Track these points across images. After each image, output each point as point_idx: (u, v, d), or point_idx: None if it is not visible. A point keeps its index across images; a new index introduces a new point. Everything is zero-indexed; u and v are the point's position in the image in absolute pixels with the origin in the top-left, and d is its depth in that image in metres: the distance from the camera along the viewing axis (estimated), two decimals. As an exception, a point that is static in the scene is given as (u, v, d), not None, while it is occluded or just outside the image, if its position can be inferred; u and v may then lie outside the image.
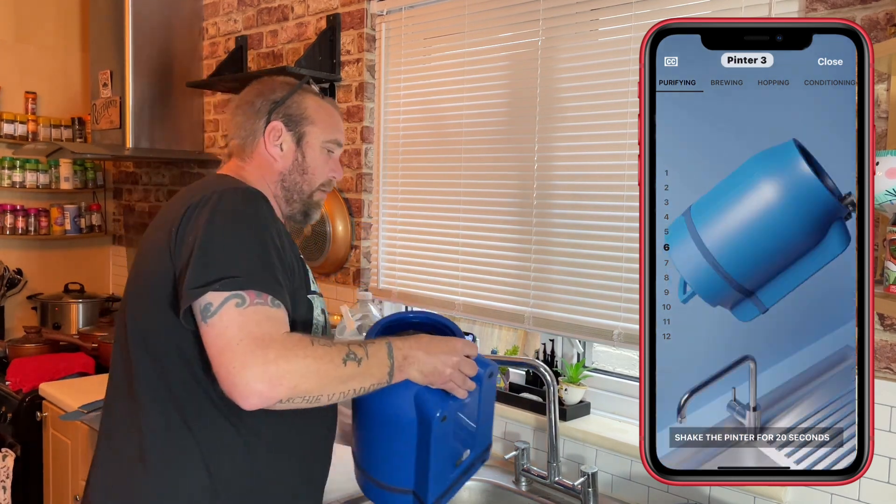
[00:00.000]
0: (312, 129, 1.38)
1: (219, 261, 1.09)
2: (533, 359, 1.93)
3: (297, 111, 1.38)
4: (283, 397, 1.03)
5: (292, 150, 1.37)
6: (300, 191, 1.38)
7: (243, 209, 1.17)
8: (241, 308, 1.06)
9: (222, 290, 1.06)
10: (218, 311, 1.05)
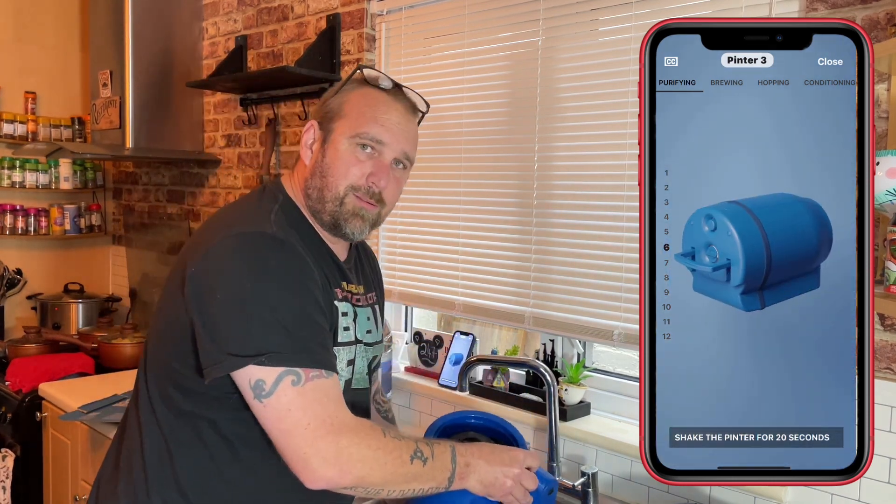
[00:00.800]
0: (341, 123, 1.18)
1: (257, 329, 1.02)
2: (533, 359, 1.93)
3: (336, 106, 1.20)
4: (349, 485, 1.03)
5: (317, 151, 1.20)
6: (322, 199, 1.18)
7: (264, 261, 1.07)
8: (299, 387, 1.02)
9: (270, 364, 1.01)
10: (275, 392, 1.01)
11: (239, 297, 1.04)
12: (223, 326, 1.04)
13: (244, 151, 2.96)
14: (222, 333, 1.04)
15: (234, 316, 1.04)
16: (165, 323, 1.17)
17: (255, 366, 1.01)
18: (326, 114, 1.21)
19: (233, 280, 1.05)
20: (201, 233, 1.18)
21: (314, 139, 1.21)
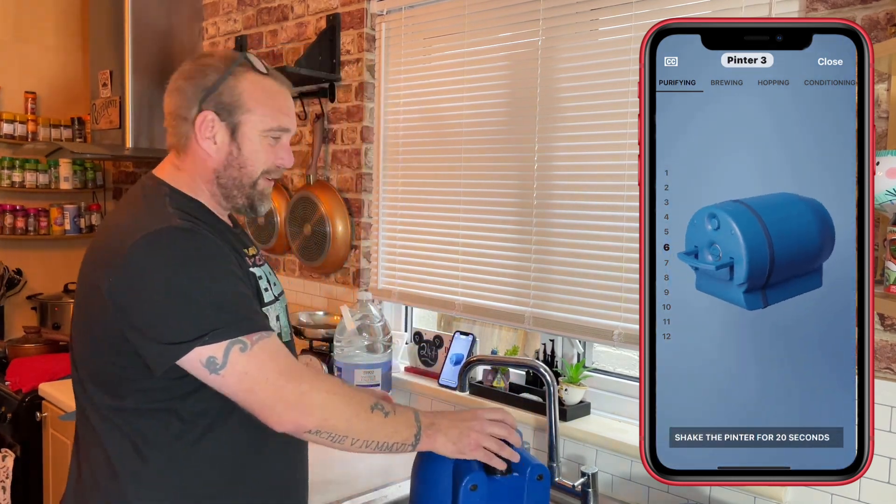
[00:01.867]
0: (249, 117, 1.21)
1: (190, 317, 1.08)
2: (533, 359, 1.93)
3: (231, 97, 1.20)
4: (312, 427, 1.10)
5: (226, 144, 1.21)
6: (239, 185, 1.24)
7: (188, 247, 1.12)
8: (248, 352, 1.09)
9: (214, 341, 1.07)
10: (228, 362, 1.08)
11: (165, 291, 1.09)
12: (159, 323, 1.09)
13: (244, 151, 2.96)
14: (159, 329, 1.08)
15: (166, 310, 1.09)
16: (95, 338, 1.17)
17: (200, 346, 1.07)
18: (221, 104, 1.20)
19: (155, 279, 1.09)
20: (102, 245, 1.18)
21: (216, 132, 1.21)
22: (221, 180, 1.23)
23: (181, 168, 1.24)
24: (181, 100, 1.21)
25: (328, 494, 1.67)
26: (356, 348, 2.10)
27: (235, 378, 1.08)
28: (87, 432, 1.24)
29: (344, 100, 2.49)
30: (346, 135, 2.49)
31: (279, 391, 1.09)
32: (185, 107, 1.21)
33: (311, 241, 2.50)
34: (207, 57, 1.24)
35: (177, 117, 1.22)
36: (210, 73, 1.20)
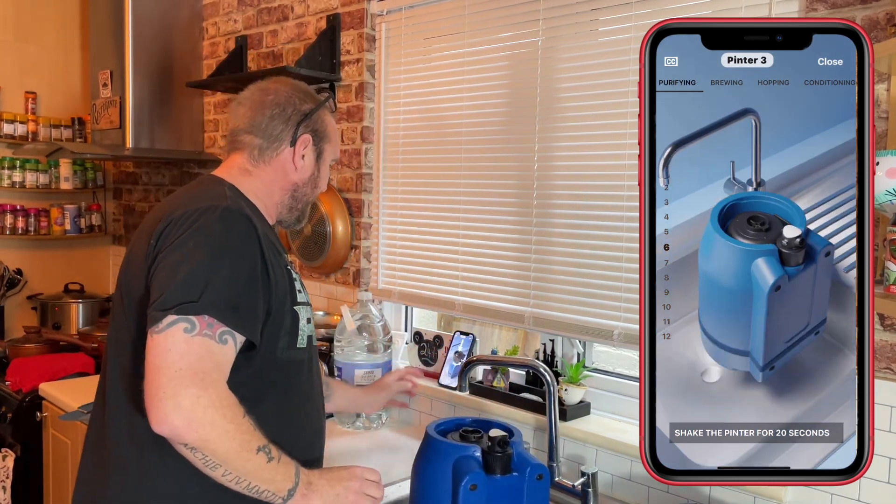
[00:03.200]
0: (328, 147, 1.43)
1: (184, 286, 1.09)
2: (533, 359, 1.93)
3: (321, 127, 1.41)
4: (191, 442, 1.04)
5: (312, 164, 1.40)
6: (306, 201, 1.43)
7: (220, 233, 1.16)
8: (189, 335, 1.06)
9: (179, 313, 1.07)
10: (165, 330, 1.06)
11: (178, 254, 1.12)
12: (158, 286, 1.12)
13: (244, 151, 2.96)
14: (157, 295, 1.11)
15: (169, 278, 1.11)
16: (133, 306, 1.21)
17: (173, 315, 1.07)
18: (315, 132, 1.40)
19: (178, 241, 1.14)
20: (149, 224, 1.24)
21: (306, 152, 1.38)
22: (297, 193, 1.40)
23: (254, 174, 1.35)
24: (279, 115, 1.35)
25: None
26: (356, 348, 2.10)
27: (158, 348, 1.05)
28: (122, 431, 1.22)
29: (344, 100, 2.49)
30: (347, 135, 2.49)
31: (177, 390, 1.03)
32: (283, 123, 1.35)
33: (311, 241, 2.50)
34: (298, 86, 1.41)
35: (270, 130, 1.35)
36: (307, 100, 1.39)
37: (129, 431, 1.20)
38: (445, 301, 2.20)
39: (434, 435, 1.40)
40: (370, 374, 2.08)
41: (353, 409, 1.94)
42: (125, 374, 1.22)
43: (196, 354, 1.06)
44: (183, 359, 1.05)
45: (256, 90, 1.39)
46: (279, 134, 1.35)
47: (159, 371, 1.04)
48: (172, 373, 1.04)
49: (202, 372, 1.05)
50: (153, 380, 1.05)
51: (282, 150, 1.36)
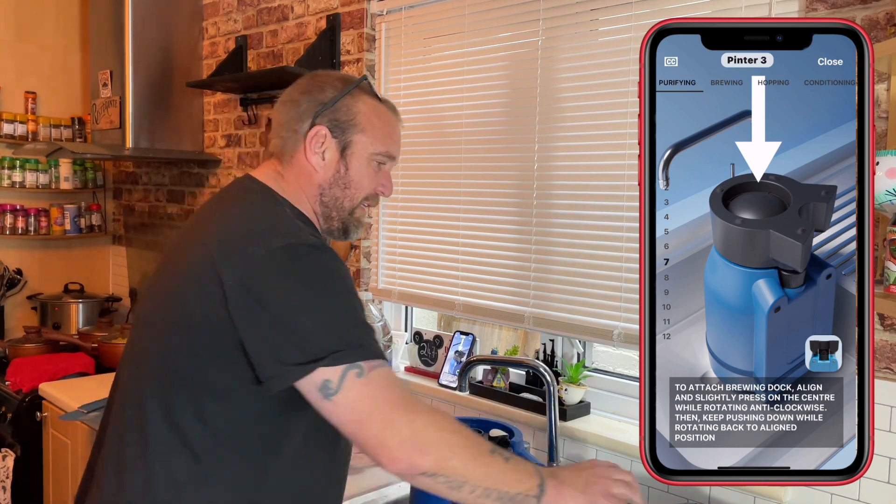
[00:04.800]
0: (361, 137, 1.22)
1: (315, 334, 1.03)
2: (533, 359, 1.93)
3: (347, 116, 1.22)
4: (429, 469, 1.00)
5: (335, 161, 1.22)
6: (340, 207, 1.24)
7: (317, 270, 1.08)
8: (364, 378, 1.02)
9: (333, 364, 1.01)
10: (342, 387, 1.01)
11: (293, 306, 1.04)
12: (282, 338, 1.04)
13: (244, 151, 2.96)
14: (282, 344, 1.04)
15: (292, 326, 1.04)
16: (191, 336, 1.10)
17: (322, 367, 1.01)
18: (336, 121, 1.21)
19: (285, 291, 1.05)
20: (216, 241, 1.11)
21: (326, 147, 1.22)
22: (325, 198, 1.23)
23: (285, 178, 1.23)
24: (294, 111, 1.22)
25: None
26: (356, 348, 2.09)
27: (348, 406, 1.02)
28: (137, 444, 1.12)
29: (344, 100, 2.49)
30: (346, 135, 2.49)
31: (392, 425, 1.00)
32: (298, 119, 1.21)
33: (311, 241, 2.50)
34: (327, 75, 1.26)
35: (287, 128, 1.22)
36: (328, 89, 1.22)
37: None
38: (445, 301, 2.19)
39: None
40: (370, 374, 2.07)
41: None
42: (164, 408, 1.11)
43: (383, 388, 1.03)
44: (376, 400, 1.02)
45: (288, 90, 1.27)
46: (294, 129, 1.21)
47: (364, 424, 1.02)
48: (377, 416, 1.01)
49: (398, 399, 1.03)
50: (365, 432, 1.01)
51: (298, 148, 1.22)
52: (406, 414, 1.01)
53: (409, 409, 1.02)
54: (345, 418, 1.03)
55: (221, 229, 1.12)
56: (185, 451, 1.08)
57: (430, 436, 1.01)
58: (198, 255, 1.10)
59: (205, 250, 1.09)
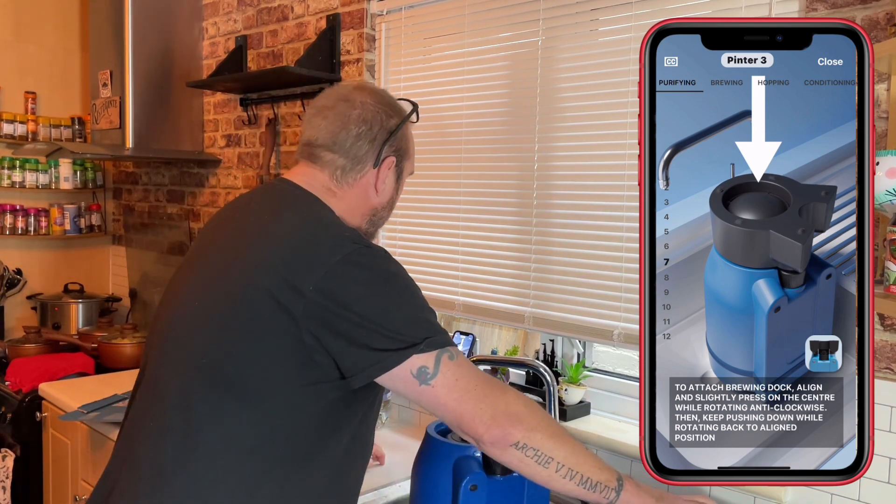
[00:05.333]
0: (408, 164, 1.31)
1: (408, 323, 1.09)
2: (533, 359, 1.93)
3: (404, 144, 1.28)
4: (520, 439, 1.06)
5: (392, 186, 1.29)
6: (381, 224, 1.33)
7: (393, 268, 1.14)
8: (455, 360, 1.10)
9: (427, 350, 1.07)
10: (439, 371, 1.08)
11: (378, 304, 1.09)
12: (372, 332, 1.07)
13: (244, 151, 2.96)
14: (373, 338, 1.07)
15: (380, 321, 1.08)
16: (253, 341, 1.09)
17: (416, 354, 1.07)
18: (399, 150, 1.27)
19: (366, 292, 1.09)
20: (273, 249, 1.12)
21: (389, 174, 1.27)
22: (375, 217, 1.29)
23: (338, 196, 1.23)
24: (365, 133, 1.22)
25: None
26: (356, 348, 2.10)
27: (446, 388, 1.08)
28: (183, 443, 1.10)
29: (344, 100, 2.49)
30: (346, 135, 2.49)
31: (485, 399, 1.08)
32: (369, 142, 1.22)
33: (311, 241, 2.50)
34: (383, 94, 1.27)
35: (355, 148, 1.22)
36: (393, 114, 1.25)
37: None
38: (445, 301, 2.19)
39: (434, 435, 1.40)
40: (370, 374, 2.08)
41: None
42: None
43: (470, 368, 1.11)
44: (469, 379, 1.09)
45: (339, 100, 1.24)
46: (364, 155, 1.23)
47: (462, 401, 1.08)
48: (472, 393, 1.08)
49: (486, 378, 1.11)
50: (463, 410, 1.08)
51: (365, 173, 1.23)
52: (496, 389, 1.10)
53: (497, 385, 1.11)
54: (443, 399, 1.09)
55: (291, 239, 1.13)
56: (236, 454, 1.09)
57: (520, 408, 1.09)
58: (265, 267, 1.10)
59: (272, 257, 1.10)
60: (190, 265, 1.25)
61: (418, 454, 1.42)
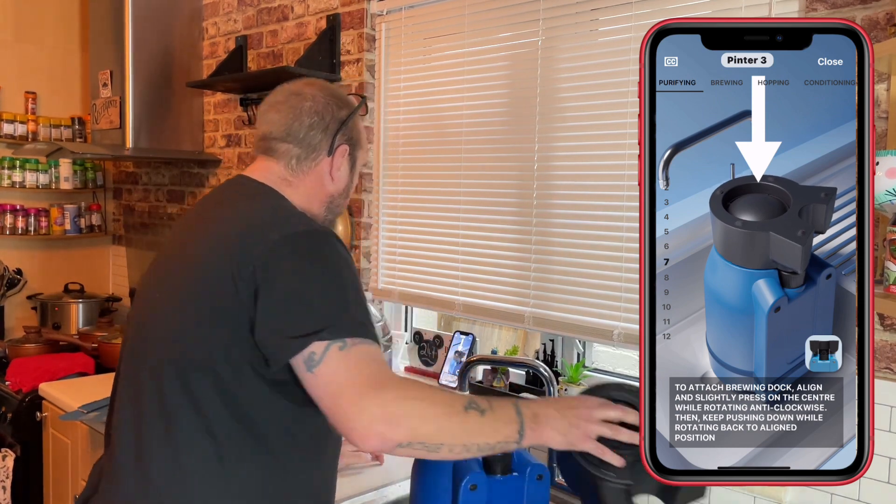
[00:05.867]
0: (361, 153, 1.36)
1: (317, 310, 1.08)
2: (533, 359, 1.93)
3: (356, 134, 1.34)
4: (402, 440, 1.02)
5: (347, 174, 1.34)
6: (338, 212, 1.37)
7: (328, 254, 1.14)
8: (344, 351, 1.06)
9: (327, 337, 1.05)
10: (322, 360, 1.05)
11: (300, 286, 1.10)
12: (286, 315, 1.09)
13: (244, 151, 2.96)
14: (286, 321, 1.08)
15: (296, 304, 1.09)
16: (213, 325, 1.13)
17: (317, 341, 1.05)
18: (351, 139, 1.32)
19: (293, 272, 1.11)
20: (224, 235, 1.17)
21: (343, 163, 1.32)
22: (332, 205, 1.33)
23: (294, 185, 1.29)
24: (318, 123, 1.28)
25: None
26: (356, 348, 2.10)
27: (325, 378, 1.05)
28: (160, 426, 1.15)
29: (344, 100, 2.49)
30: (346, 135, 2.49)
31: (361, 402, 1.02)
32: (322, 132, 1.29)
33: (311, 241, 2.50)
34: (335, 91, 1.33)
35: (309, 139, 1.28)
36: (343, 106, 1.31)
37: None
38: (445, 301, 2.19)
39: None
40: (370, 374, 2.08)
41: None
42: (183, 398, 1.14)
43: (360, 363, 1.06)
44: (350, 373, 1.05)
45: (290, 94, 1.31)
46: (318, 144, 1.29)
47: (337, 397, 1.04)
48: (348, 390, 1.04)
49: (372, 374, 1.06)
50: (337, 407, 1.04)
51: (320, 161, 1.29)
52: (376, 390, 1.03)
53: (381, 386, 1.04)
54: (322, 391, 1.05)
55: (242, 222, 1.18)
56: (209, 436, 1.12)
57: (399, 408, 1.03)
58: (216, 249, 1.15)
59: (225, 243, 1.14)
60: (157, 261, 1.31)
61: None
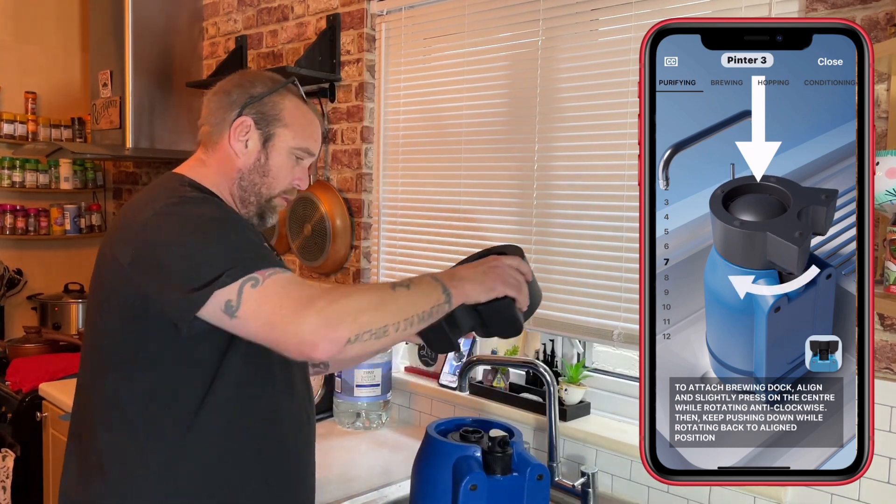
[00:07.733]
0: (283, 131, 1.33)
1: (207, 260, 1.09)
2: (533, 359, 1.93)
3: (273, 111, 1.32)
4: (349, 335, 1.03)
5: (256, 150, 1.31)
6: (258, 193, 1.33)
7: (203, 212, 1.16)
8: (260, 286, 1.06)
9: (229, 282, 1.06)
10: (241, 301, 1.06)
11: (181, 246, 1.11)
12: (176, 274, 1.10)
13: (244, 151, 2.96)
14: (178, 279, 1.09)
15: (183, 260, 1.10)
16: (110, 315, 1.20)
17: (219, 290, 1.06)
18: (262, 114, 1.31)
19: (170, 236, 1.13)
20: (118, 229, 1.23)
21: (249, 136, 1.31)
22: (243, 182, 1.31)
23: (206, 163, 1.33)
24: (224, 101, 1.31)
25: (328, 494, 1.67)
26: (356, 348, 2.10)
27: (252, 316, 1.05)
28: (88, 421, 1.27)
29: (344, 100, 2.49)
30: (346, 135, 2.49)
31: (299, 319, 1.03)
32: (227, 108, 1.31)
33: (311, 241, 2.50)
34: (259, 73, 1.38)
35: (215, 117, 1.32)
36: (259, 85, 1.32)
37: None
38: (445, 301, 2.19)
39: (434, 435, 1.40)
40: (370, 374, 2.08)
41: None
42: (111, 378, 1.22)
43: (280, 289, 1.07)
44: (273, 301, 1.05)
45: (220, 87, 1.35)
46: (222, 118, 1.31)
47: (273, 325, 1.05)
48: (280, 315, 1.04)
49: (296, 294, 1.06)
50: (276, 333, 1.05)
51: (223, 135, 1.31)
52: (306, 305, 1.04)
53: (309, 299, 1.05)
54: (253, 328, 1.06)
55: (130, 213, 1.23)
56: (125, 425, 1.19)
57: (334, 310, 1.04)
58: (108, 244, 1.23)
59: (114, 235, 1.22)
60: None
61: (418, 454, 1.43)
